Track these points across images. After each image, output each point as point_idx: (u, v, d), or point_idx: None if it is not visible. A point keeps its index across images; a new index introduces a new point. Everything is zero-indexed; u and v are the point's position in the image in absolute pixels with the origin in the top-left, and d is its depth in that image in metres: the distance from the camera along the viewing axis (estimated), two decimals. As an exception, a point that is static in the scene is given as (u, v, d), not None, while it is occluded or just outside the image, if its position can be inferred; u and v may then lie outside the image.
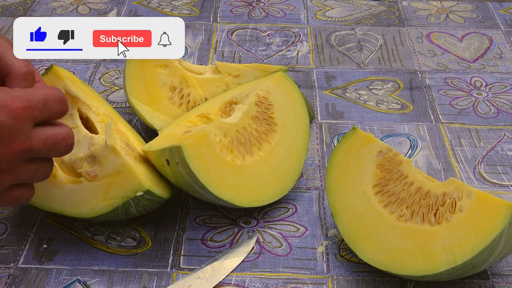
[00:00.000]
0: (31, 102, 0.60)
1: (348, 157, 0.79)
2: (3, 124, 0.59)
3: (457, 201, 0.71)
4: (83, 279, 0.74)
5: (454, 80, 1.08)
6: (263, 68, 0.94)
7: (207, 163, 0.75)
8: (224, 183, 0.77)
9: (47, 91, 0.63)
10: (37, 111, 0.61)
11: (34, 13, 1.25)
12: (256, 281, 0.74)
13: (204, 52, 1.14)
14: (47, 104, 0.62)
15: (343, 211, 0.77)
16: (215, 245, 0.79)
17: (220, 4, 1.30)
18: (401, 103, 1.02)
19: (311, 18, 1.25)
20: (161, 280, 0.74)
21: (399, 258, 0.71)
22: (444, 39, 1.19)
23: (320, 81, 1.07)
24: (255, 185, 0.80)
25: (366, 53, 1.15)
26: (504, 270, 0.76)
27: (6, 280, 0.74)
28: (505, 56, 1.14)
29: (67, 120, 0.78)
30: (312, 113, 0.97)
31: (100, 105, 0.83)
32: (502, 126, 0.98)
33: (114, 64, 1.11)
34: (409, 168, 0.77)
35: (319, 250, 0.78)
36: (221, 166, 0.77)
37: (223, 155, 0.78)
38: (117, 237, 0.79)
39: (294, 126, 0.85)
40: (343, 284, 0.74)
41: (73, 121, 0.79)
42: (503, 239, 0.68)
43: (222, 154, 0.78)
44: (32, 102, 0.61)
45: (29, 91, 0.62)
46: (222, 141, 0.79)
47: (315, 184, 0.88)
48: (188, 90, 0.92)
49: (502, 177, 0.89)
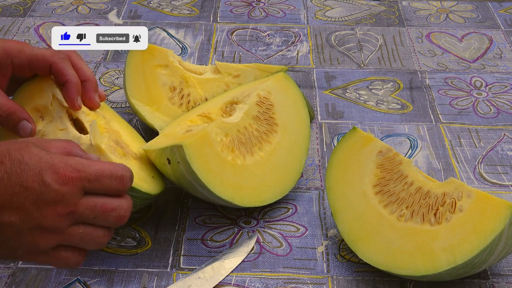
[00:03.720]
0: (82, 173, 0.64)
1: (348, 157, 0.80)
2: (50, 187, 0.63)
3: (457, 201, 0.71)
4: (83, 279, 0.74)
5: (454, 80, 1.08)
6: (263, 68, 0.94)
7: (208, 162, 0.75)
8: (225, 182, 0.77)
9: (103, 167, 0.66)
10: (87, 182, 0.65)
11: (34, 13, 1.25)
12: (256, 281, 0.74)
13: (204, 52, 1.14)
14: (100, 179, 0.65)
15: (343, 211, 0.77)
16: (215, 245, 0.79)
17: (220, 4, 1.30)
18: (401, 103, 1.02)
19: (311, 18, 1.25)
20: (161, 280, 0.74)
21: (399, 258, 0.71)
22: (444, 39, 1.19)
23: (320, 81, 1.07)
24: (255, 185, 0.80)
25: (366, 53, 1.15)
26: (504, 270, 0.76)
27: (6, 280, 0.74)
28: (505, 56, 1.14)
29: (57, 122, 0.78)
30: (312, 113, 0.97)
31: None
32: (502, 126, 0.98)
33: (114, 64, 1.11)
34: (409, 168, 0.77)
35: (319, 250, 0.78)
36: (222, 165, 0.77)
37: (224, 155, 0.78)
38: (117, 237, 0.79)
39: (295, 127, 0.85)
40: (343, 284, 0.74)
41: (63, 122, 0.79)
42: (503, 239, 0.68)
43: (223, 154, 0.78)
44: (83, 174, 0.64)
45: (84, 162, 0.65)
46: (223, 140, 0.79)
47: (315, 184, 0.88)
48: (188, 90, 0.92)
49: (502, 177, 0.89)
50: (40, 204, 0.63)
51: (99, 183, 0.65)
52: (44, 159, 0.64)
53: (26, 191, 0.63)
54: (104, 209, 0.66)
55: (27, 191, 0.63)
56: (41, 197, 0.63)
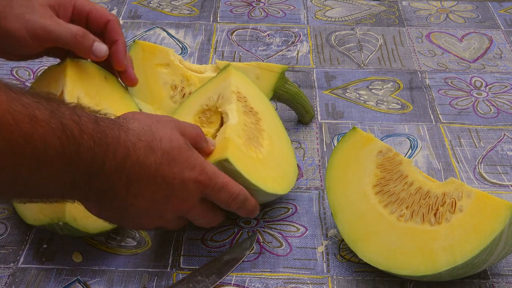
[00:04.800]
0: (211, 182, 0.69)
1: (348, 157, 0.80)
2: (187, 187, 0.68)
3: (457, 201, 0.71)
4: (83, 279, 0.74)
5: (454, 80, 1.08)
6: (263, 66, 0.94)
7: (248, 166, 0.76)
8: (266, 178, 0.78)
9: (230, 183, 0.71)
10: (209, 191, 0.70)
11: (34, 13, 1.25)
12: (256, 281, 0.74)
13: (204, 52, 1.14)
14: (221, 191, 0.70)
15: (343, 211, 0.77)
16: (215, 245, 0.79)
17: (220, 4, 1.30)
18: (401, 103, 1.02)
19: (311, 18, 1.25)
20: (161, 280, 0.74)
21: (399, 258, 0.71)
22: (444, 39, 1.19)
23: (320, 81, 1.07)
24: (282, 171, 0.81)
25: (366, 53, 1.15)
26: (504, 270, 0.76)
27: (6, 280, 0.74)
28: (505, 56, 1.14)
29: None
30: (312, 112, 0.97)
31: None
32: (502, 126, 0.98)
33: (114, 64, 1.11)
34: (409, 168, 0.77)
35: (319, 250, 0.78)
36: (255, 164, 0.78)
37: (250, 153, 0.78)
38: (117, 237, 0.79)
39: (266, 111, 0.86)
40: (343, 284, 0.74)
41: None
42: (503, 239, 0.68)
43: (249, 153, 0.78)
44: (212, 182, 0.69)
45: (216, 171, 0.70)
46: (240, 141, 0.79)
47: (315, 184, 0.88)
48: (189, 88, 0.92)
49: (502, 177, 0.89)
50: (171, 199, 0.68)
51: (218, 194, 0.71)
52: (189, 159, 0.68)
53: (165, 185, 0.66)
54: (204, 216, 0.72)
55: (167, 185, 0.66)
56: (175, 193, 0.67)
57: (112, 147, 0.61)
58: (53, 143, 0.56)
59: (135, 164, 0.64)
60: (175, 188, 0.67)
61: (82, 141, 0.59)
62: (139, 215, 0.68)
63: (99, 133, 0.61)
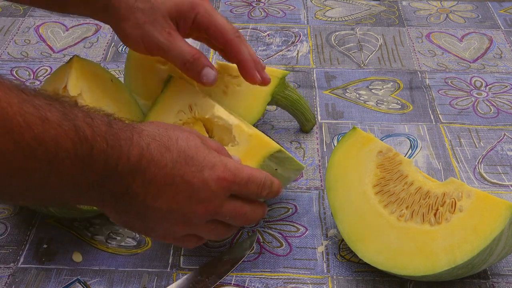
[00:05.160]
0: (236, 178, 0.67)
1: (348, 157, 0.80)
2: (208, 186, 0.65)
3: (457, 201, 0.71)
4: (83, 279, 0.74)
5: (454, 80, 1.08)
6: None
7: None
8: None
9: (254, 173, 0.69)
10: (237, 186, 0.67)
11: (34, 13, 1.25)
12: (256, 281, 0.74)
13: (204, 52, 1.14)
14: (248, 184, 0.68)
15: (343, 211, 0.77)
16: (215, 245, 0.79)
17: (220, 4, 1.30)
18: (401, 103, 1.02)
19: (311, 18, 1.25)
20: (161, 280, 0.74)
21: (399, 258, 0.71)
22: (444, 39, 1.19)
23: (320, 81, 1.07)
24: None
25: (366, 53, 1.15)
26: (504, 270, 0.76)
27: (6, 280, 0.74)
28: (505, 56, 1.14)
29: None
30: (313, 119, 0.96)
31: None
32: (502, 126, 0.98)
33: (114, 64, 1.11)
34: (409, 168, 0.77)
35: (319, 250, 0.78)
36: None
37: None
38: (117, 237, 0.79)
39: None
40: (343, 284, 0.74)
41: None
42: (503, 239, 0.68)
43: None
44: (237, 178, 0.67)
45: (238, 166, 0.68)
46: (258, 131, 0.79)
47: (315, 184, 0.88)
48: None
49: (502, 177, 0.89)
50: (193, 200, 0.65)
51: (246, 188, 0.68)
52: (208, 158, 0.66)
53: (185, 185, 0.64)
54: (239, 212, 0.69)
55: (186, 185, 0.64)
56: (196, 194, 0.65)
57: (125, 148, 0.60)
58: (66, 145, 0.55)
59: (150, 164, 0.62)
60: (195, 189, 0.65)
61: (95, 143, 0.58)
62: (162, 219, 0.65)
63: (112, 135, 0.60)
